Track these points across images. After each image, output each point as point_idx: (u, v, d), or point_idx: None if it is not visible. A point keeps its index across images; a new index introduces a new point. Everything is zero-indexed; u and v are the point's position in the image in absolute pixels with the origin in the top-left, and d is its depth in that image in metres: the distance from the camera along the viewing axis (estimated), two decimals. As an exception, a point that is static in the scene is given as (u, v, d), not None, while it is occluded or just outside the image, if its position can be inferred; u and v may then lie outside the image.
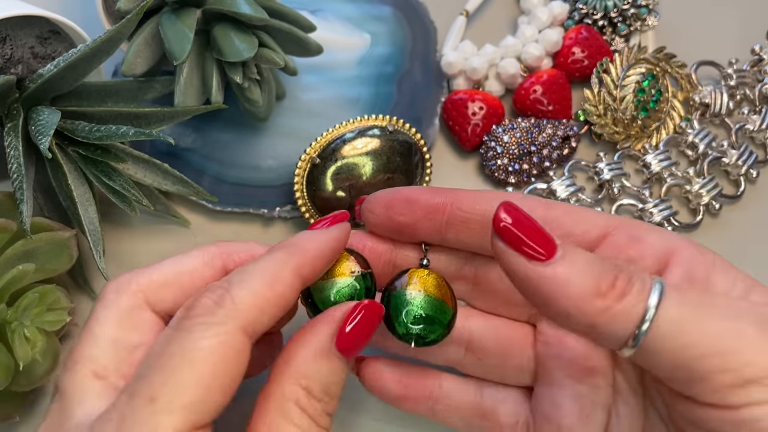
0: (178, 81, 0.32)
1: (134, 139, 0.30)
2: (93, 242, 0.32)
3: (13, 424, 0.32)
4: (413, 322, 0.26)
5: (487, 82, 0.40)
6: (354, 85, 0.39)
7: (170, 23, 0.32)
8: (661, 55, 0.40)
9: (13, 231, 0.31)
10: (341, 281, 0.27)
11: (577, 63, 0.40)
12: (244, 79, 0.33)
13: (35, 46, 0.34)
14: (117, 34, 0.31)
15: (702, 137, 0.39)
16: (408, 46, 0.40)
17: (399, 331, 0.26)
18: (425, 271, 0.27)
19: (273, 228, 0.37)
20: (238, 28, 0.32)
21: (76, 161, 0.32)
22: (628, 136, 0.39)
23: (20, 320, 0.29)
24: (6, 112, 0.31)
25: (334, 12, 0.41)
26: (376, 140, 0.35)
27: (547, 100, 0.39)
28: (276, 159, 0.37)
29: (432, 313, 0.26)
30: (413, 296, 0.26)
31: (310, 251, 0.25)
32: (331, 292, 0.27)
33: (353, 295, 0.27)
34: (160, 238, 0.37)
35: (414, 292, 0.27)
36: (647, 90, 0.39)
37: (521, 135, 0.38)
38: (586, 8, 0.42)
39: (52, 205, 0.34)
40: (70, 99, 0.33)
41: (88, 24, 0.36)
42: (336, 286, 0.27)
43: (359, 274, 0.27)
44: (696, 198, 0.38)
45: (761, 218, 0.38)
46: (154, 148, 0.37)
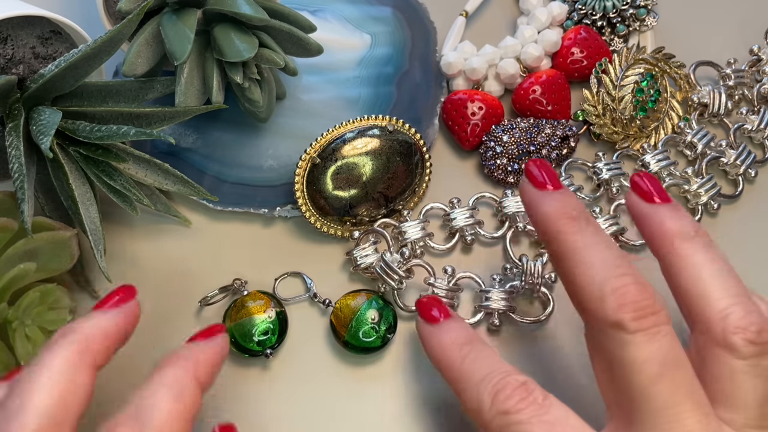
0: (179, 81, 0.33)
1: (135, 139, 0.30)
2: (94, 242, 0.32)
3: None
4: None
5: (487, 82, 0.41)
6: (354, 85, 0.39)
7: (171, 23, 0.32)
8: (659, 56, 0.40)
9: (14, 230, 0.31)
10: (258, 318, 0.33)
11: (576, 63, 0.40)
12: (244, 80, 0.33)
13: (36, 46, 0.34)
14: (118, 35, 0.31)
15: (700, 137, 0.39)
16: (408, 47, 0.40)
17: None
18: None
19: (273, 227, 0.37)
20: (238, 29, 0.32)
21: (77, 161, 0.32)
22: (627, 136, 0.39)
23: (21, 319, 0.29)
24: (7, 112, 0.31)
25: (335, 12, 0.41)
26: (376, 140, 0.35)
27: (546, 100, 0.39)
28: (276, 159, 0.37)
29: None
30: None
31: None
32: (251, 328, 0.33)
33: (269, 330, 0.33)
34: (161, 237, 0.37)
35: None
36: (646, 90, 0.39)
37: (520, 135, 0.38)
38: (585, 9, 0.42)
39: (53, 205, 0.34)
40: (71, 99, 0.33)
41: (89, 24, 0.36)
42: (254, 322, 0.33)
43: (275, 311, 0.33)
44: (694, 197, 0.38)
45: (759, 218, 0.38)
46: (155, 148, 0.38)
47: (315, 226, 0.36)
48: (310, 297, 0.35)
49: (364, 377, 0.34)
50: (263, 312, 0.33)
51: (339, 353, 0.34)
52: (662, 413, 0.24)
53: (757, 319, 0.25)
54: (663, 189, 0.29)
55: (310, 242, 0.37)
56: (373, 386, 0.34)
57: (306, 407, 0.33)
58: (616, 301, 0.25)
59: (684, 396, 0.24)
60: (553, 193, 0.28)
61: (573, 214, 0.27)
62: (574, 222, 0.27)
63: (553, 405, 0.25)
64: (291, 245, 0.37)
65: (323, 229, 0.36)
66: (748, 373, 0.25)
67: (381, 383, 0.34)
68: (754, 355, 0.25)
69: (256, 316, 0.33)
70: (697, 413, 0.24)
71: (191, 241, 0.37)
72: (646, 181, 0.29)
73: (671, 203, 0.28)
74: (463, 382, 0.27)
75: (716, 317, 0.25)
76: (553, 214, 0.27)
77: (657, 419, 0.24)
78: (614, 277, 0.25)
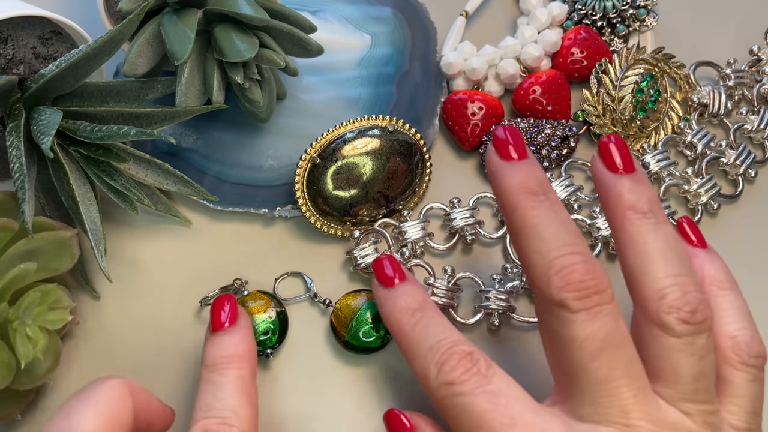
0: (180, 81, 0.33)
1: (136, 139, 0.30)
2: (94, 241, 0.32)
3: (15, 422, 0.32)
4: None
5: (487, 82, 0.41)
6: (354, 85, 0.39)
7: (171, 24, 0.32)
8: (659, 56, 0.40)
9: (15, 230, 0.31)
10: (259, 318, 0.33)
11: (576, 63, 0.40)
12: (245, 80, 0.33)
13: (37, 46, 0.34)
14: (118, 35, 0.31)
15: (700, 137, 0.39)
16: (408, 47, 0.40)
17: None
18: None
19: (273, 227, 0.37)
20: (239, 29, 0.32)
21: (77, 161, 0.32)
22: (627, 136, 0.39)
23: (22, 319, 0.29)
24: (8, 112, 0.31)
25: (335, 13, 0.41)
26: (376, 140, 0.36)
27: (546, 100, 0.39)
28: (277, 159, 0.37)
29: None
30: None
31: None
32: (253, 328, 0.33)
33: (269, 330, 0.33)
34: (162, 237, 0.37)
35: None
36: (646, 90, 0.39)
37: (520, 135, 0.38)
38: (585, 9, 0.42)
39: (54, 205, 0.34)
40: (72, 99, 0.33)
41: (89, 24, 0.36)
42: (254, 322, 0.33)
43: (275, 311, 0.34)
44: (694, 198, 0.38)
45: (759, 218, 0.38)
46: (156, 148, 0.38)
47: (315, 226, 0.36)
48: (311, 297, 0.35)
49: (364, 377, 0.34)
50: (263, 312, 0.33)
51: (339, 353, 0.34)
52: (599, 387, 0.25)
53: (692, 298, 0.26)
54: (630, 157, 0.28)
55: (310, 242, 0.37)
56: (374, 386, 0.34)
57: (306, 407, 0.33)
58: (561, 281, 0.25)
59: (621, 372, 0.25)
60: (516, 164, 0.28)
61: (532, 187, 0.27)
62: (532, 197, 0.27)
63: (496, 375, 0.26)
64: (291, 245, 0.37)
65: (323, 229, 0.36)
66: (683, 351, 0.25)
67: (381, 383, 0.34)
68: (689, 333, 0.25)
69: (256, 316, 0.33)
70: (633, 388, 0.25)
71: (191, 241, 0.37)
72: (613, 147, 0.28)
73: (634, 174, 0.28)
74: (413, 349, 0.28)
75: (654, 296, 0.26)
76: (513, 188, 0.27)
77: (594, 393, 0.25)
78: (562, 256, 0.25)
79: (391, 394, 0.33)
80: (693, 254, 0.30)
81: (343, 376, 0.34)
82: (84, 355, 0.34)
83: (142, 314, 0.35)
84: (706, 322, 0.26)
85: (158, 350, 0.34)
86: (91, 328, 0.35)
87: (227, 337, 0.29)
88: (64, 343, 0.34)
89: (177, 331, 0.35)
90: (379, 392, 0.33)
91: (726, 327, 0.28)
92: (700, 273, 0.29)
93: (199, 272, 0.36)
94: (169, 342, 0.34)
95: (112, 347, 0.34)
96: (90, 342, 0.34)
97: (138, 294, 0.35)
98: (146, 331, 0.35)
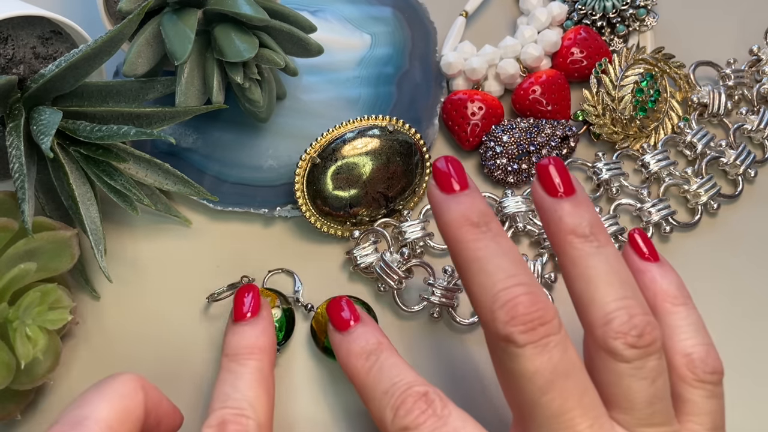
0: (179, 81, 0.33)
1: (135, 138, 0.30)
2: (94, 241, 0.32)
3: (15, 422, 0.32)
4: None
5: (487, 82, 0.41)
6: (354, 85, 0.39)
7: (171, 23, 0.32)
8: (659, 56, 0.40)
9: (14, 230, 0.31)
10: None
11: (576, 63, 0.40)
12: (244, 80, 0.33)
13: (37, 46, 0.34)
14: (118, 35, 0.31)
15: (700, 137, 0.39)
16: (408, 47, 0.40)
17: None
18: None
19: (273, 227, 0.37)
20: (238, 29, 0.32)
21: (77, 161, 0.32)
22: (627, 136, 0.39)
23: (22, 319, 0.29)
24: (8, 111, 0.31)
25: (335, 13, 0.41)
26: (376, 140, 0.36)
27: (546, 100, 0.39)
28: (276, 159, 0.37)
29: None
30: None
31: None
32: None
33: (275, 327, 0.33)
34: (162, 237, 0.37)
35: None
36: (645, 90, 0.39)
37: (520, 135, 0.38)
38: (585, 9, 0.42)
39: (54, 205, 0.34)
40: (72, 99, 0.33)
41: (89, 24, 0.36)
42: None
43: (281, 308, 0.34)
44: (694, 197, 0.38)
45: (759, 218, 0.38)
46: (155, 148, 0.38)
47: (315, 226, 0.36)
48: (294, 301, 0.35)
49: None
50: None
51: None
52: (554, 420, 0.24)
53: (638, 322, 0.25)
54: (569, 179, 0.27)
55: (310, 242, 0.37)
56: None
57: (312, 405, 0.33)
58: (506, 315, 0.25)
59: (575, 403, 0.24)
60: (458, 196, 0.27)
61: (474, 220, 0.26)
62: (473, 229, 0.26)
63: (452, 415, 0.26)
64: (291, 245, 0.37)
65: (323, 229, 0.36)
66: (634, 376, 0.25)
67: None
68: (637, 357, 0.25)
69: None
70: (588, 418, 0.24)
71: (191, 241, 0.37)
72: (552, 170, 0.27)
73: (574, 196, 0.27)
74: (368, 393, 0.28)
75: (599, 322, 0.25)
76: (454, 222, 0.27)
77: (549, 426, 0.24)
78: (505, 290, 0.25)
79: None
80: (645, 269, 0.29)
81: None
82: (84, 355, 0.34)
83: (142, 314, 0.35)
84: (654, 344, 0.25)
85: (158, 350, 0.34)
86: (91, 328, 0.35)
87: (249, 327, 0.30)
88: (64, 343, 0.34)
89: (177, 331, 0.35)
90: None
91: (680, 344, 0.27)
92: (652, 288, 0.29)
93: (199, 272, 0.36)
94: (169, 342, 0.34)
95: (112, 347, 0.34)
96: (90, 342, 0.34)
97: (138, 294, 0.35)
98: (146, 331, 0.35)
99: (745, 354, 0.35)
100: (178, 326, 0.35)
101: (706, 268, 0.37)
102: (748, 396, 0.34)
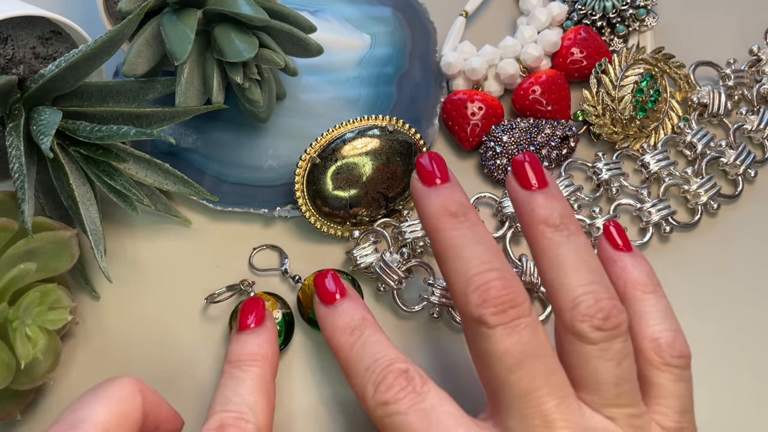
0: (179, 81, 0.33)
1: (135, 139, 0.30)
2: (94, 242, 0.32)
3: (15, 422, 0.32)
4: None
5: (487, 82, 0.41)
6: (354, 85, 0.39)
7: (171, 24, 0.32)
8: (659, 56, 0.40)
9: (14, 230, 0.31)
10: None
11: (576, 63, 0.40)
12: (244, 80, 0.33)
13: (37, 46, 0.34)
14: (118, 35, 0.31)
15: (700, 137, 0.39)
16: (408, 47, 0.40)
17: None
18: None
19: (273, 227, 0.37)
20: (238, 29, 0.32)
21: (77, 161, 0.32)
22: (627, 136, 0.39)
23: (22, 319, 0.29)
24: (8, 112, 0.31)
25: (335, 13, 0.41)
26: (376, 140, 0.36)
27: (546, 100, 0.39)
28: (276, 159, 0.37)
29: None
30: None
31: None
32: None
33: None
34: (162, 237, 0.37)
35: None
36: (645, 90, 0.39)
37: (520, 135, 0.38)
38: (585, 9, 0.42)
39: (54, 205, 0.34)
40: (72, 99, 0.33)
41: (89, 24, 0.36)
42: None
43: (281, 313, 0.34)
44: (694, 198, 0.38)
45: (759, 218, 0.38)
46: (155, 148, 0.38)
47: (315, 226, 0.36)
48: (282, 272, 0.35)
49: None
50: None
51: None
52: (522, 399, 0.25)
53: (605, 305, 0.26)
54: (543, 173, 0.29)
55: (310, 242, 0.37)
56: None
57: (310, 411, 0.33)
58: (479, 298, 0.26)
59: (542, 382, 0.25)
60: (438, 188, 0.28)
61: (452, 210, 0.28)
62: (451, 219, 0.27)
63: (431, 392, 0.26)
64: (291, 245, 0.37)
65: (323, 229, 0.36)
66: (600, 358, 0.26)
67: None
68: (603, 339, 0.26)
69: None
70: (555, 397, 0.25)
71: (191, 241, 0.37)
72: (527, 166, 0.29)
73: (546, 189, 0.28)
74: (351, 369, 0.28)
75: (567, 306, 0.26)
76: (434, 213, 0.28)
77: (517, 405, 0.25)
78: (479, 274, 0.26)
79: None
80: (617, 258, 0.30)
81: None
82: (84, 355, 0.34)
83: (141, 314, 0.35)
84: (620, 327, 0.26)
85: (158, 350, 0.34)
86: (91, 328, 0.35)
87: (252, 336, 0.30)
88: (64, 343, 0.34)
89: (177, 331, 0.35)
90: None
91: (648, 330, 0.28)
92: (623, 276, 0.30)
93: (199, 272, 0.36)
94: (169, 342, 0.34)
95: (112, 347, 0.34)
96: (90, 342, 0.34)
97: (138, 294, 0.35)
98: (146, 331, 0.35)
99: (746, 354, 0.35)
100: (178, 326, 0.35)
101: (706, 268, 0.37)
102: (749, 397, 0.34)
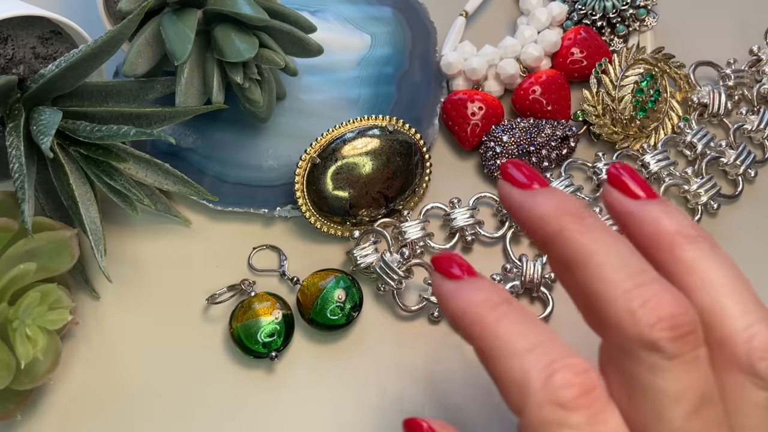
0: (179, 81, 0.33)
1: (135, 139, 0.30)
2: (94, 242, 0.32)
3: (15, 422, 0.32)
4: None
5: (487, 82, 0.41)
6: (354, 85, 0.39)
7: (171, 24, 0.32)
8: (659, 56, 0.40)
9: (14, 230, 0.31)
10: (265, 319, 0.33)
11: (576, 63, 0.40)
12: (244, 80, 0.33)
13: (37, 46, 0.34)
14: (118, 35, 0.31)
15: (700, 137, 0.39)
16: (408, 47, 0.40)
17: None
18: None
19: (273, 227, 0.37)
20: (238, 29, 0.33)
21: (77, 161, 0.32)
22: (627, 136, 0.39)
23: (22, 319, 0.29)
24: (8, 112, 0.31)
25: (335, 13, 0.41)
26: (376, 140, 0.36)
27: (546, 100, 0.39)
28: (276, 159, 0.37)
29: None
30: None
31: None
32: (257, 330, 0.33)
33: (274, 332, 0.33)
34: (162, 237, 0.37)
35: None
36: (645, 90, 0.39)
37: (520, 135, 0.38)
38: (585, 9, 0.42)
39: (54, 205, 0.34)
40: (72, 99, 0.33)
41: (89, 24, 0.36)
42: (260, 323, 0.33)
43: (281, 313, 0.33)
44: (694, 198, 0.38)
45: (759, 218, 0.38)
46: (155, 148, 0.38)
47: (315, 226, 0.36)
48: (280, 274, 0.35)
49: (371, 378, 0.34)
50: (270, 314, 0.33)
51: (344, 356, 0.34)
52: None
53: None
54: (648, 184, 0.24)
55: (310, 242, 0.37)
56: (380, 387, 0.34)
57: (310, 412, 0.33)
58: (650, 316, 0.20)
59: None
60: (544, 190, 0.24)
61: (574, 210, 0.22)
62: (578, 219, 0.22)
63: (615, 415, 0.20)
64: (291, 245, 0.37)
65: (323, 229, 0.36)
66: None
67: (387, 384, 0.34)
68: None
69: (262, 318, 0.33)
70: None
71: (191, 241, 0.37)
72: (626, 173, 0.24)
73: (659, 199, 0.24)
74: (501, 347, 0.21)
75: (740, 338, 0.21)
76: (551, 213, 0.23)
77: None
78: (642, 286, 0.20)
79: (398, 394, 0.33)
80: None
81: (348, 377, 0.34)
82: (84, 355, 0.34)
83: (141, 314, 0.35)
84: None
85: (158, 350, 0.34)
86: (91, 328, 0.35)
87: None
88: (64, 343, 0.34)
89: (177, 331, 0.35)
90: (385, 393, 0.33)
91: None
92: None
93: (199, 272, 0.36)
94: (169, 342, 0.34)
95: (112, 347, 0.34)
96: (90, 342, 0.34)
97: (138, 294, 0.35)
98: (146, 331, 0.35)
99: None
100: (178, 326, 0.35)
101: (706, 268, 0.37)
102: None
